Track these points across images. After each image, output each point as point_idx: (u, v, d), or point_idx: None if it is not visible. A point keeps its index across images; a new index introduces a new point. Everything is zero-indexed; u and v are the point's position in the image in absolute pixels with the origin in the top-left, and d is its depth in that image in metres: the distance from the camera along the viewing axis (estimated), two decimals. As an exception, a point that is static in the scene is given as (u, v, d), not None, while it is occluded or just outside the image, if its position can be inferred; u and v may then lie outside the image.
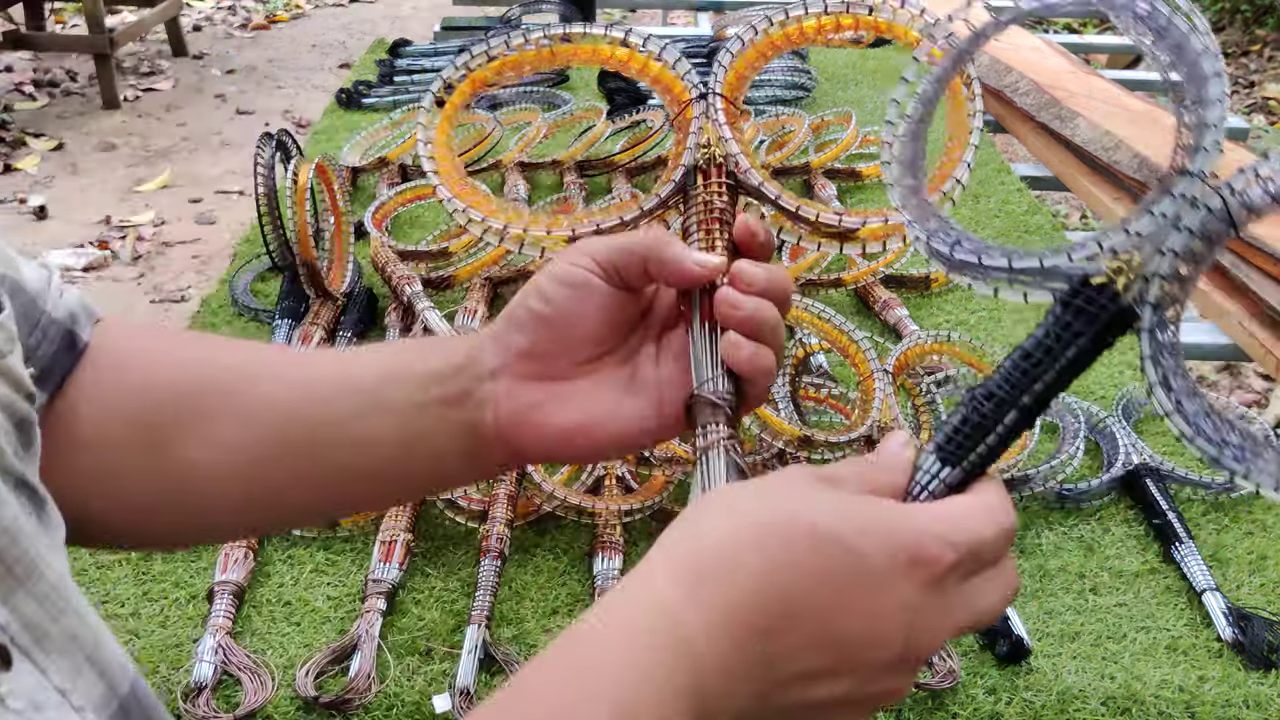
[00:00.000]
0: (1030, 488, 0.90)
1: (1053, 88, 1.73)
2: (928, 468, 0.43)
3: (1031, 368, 0.43)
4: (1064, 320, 0.42)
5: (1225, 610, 0.78)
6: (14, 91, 3.82)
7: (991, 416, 0.44)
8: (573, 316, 0.49)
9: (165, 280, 2.68)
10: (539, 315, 0.49)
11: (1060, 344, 0.43)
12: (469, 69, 0.61)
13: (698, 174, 0.57)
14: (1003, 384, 0.43)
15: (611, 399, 0.50)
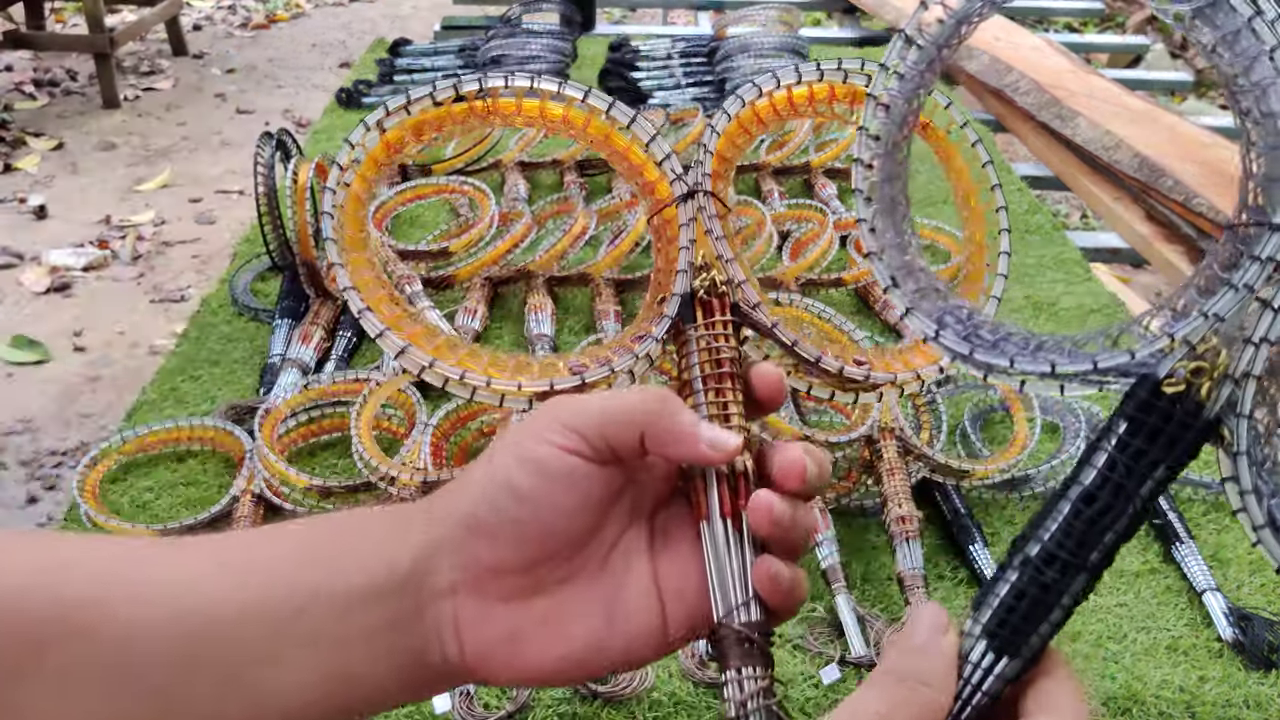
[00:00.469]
0: (1030, 488, 0.90)
1: (1053, 87, 1.73)
2: (977, 659, 0.34)
3: (1098, 516, 0.33)
4: (1135, 446, 0.33)
5: (1226, 610, 0.78)
6: (14, 91, 3.82)
7: (1054, 586, 0.34)
8: (554, 515, 0.38)
9: (165, 280, 2.68)
10: (511, 518, 0.38)
11: (1134, 478, 0.33)
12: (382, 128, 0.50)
13: (696, 306, 0.46)
14: (1064, 540, 0.34)
15: (602, 617, 0.39)
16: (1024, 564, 0.34)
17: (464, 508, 0.39)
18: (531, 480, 0.38)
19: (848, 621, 0.76)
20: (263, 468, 0.87)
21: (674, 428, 0.38)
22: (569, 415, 0.38)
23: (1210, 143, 1.57)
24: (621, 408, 0.38)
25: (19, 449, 2.07)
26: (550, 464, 0.38)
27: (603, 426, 0.38)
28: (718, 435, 0.39)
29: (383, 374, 0.96)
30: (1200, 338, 0.32)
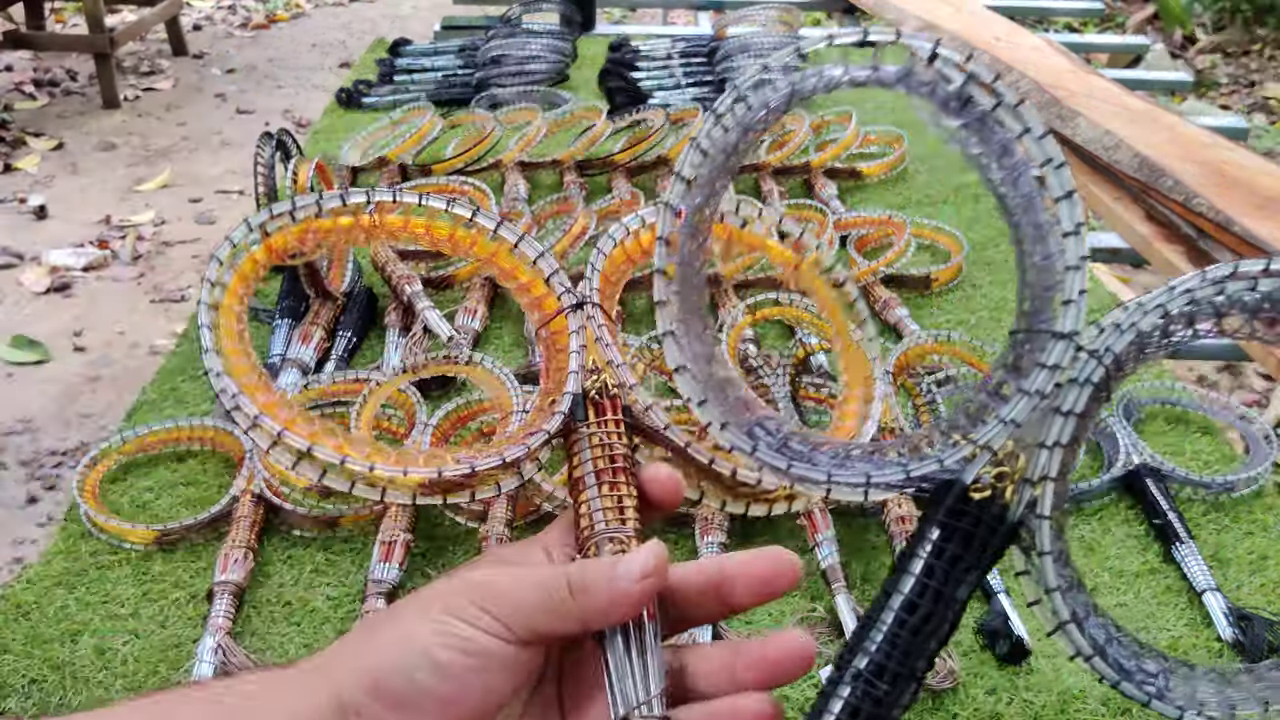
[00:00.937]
0: (1030, 488, 0.90)
1: (1053, 87, 1.73)
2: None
3: (922, 624, 0.34)
4: (949, 552, 0.34)
5: (1226, 610, 0.78)
6: (14, 91, 3.82)
7: (886, 699, 0.34)
8: (480, 693, 0.36)
9: (165, 280, 2.68)
10: (429, 691, 0.36)
11: (950, 584, 0.34)
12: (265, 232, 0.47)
13: (587, 406, 0.46)
14: (892, 652, 0.34)
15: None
16: (855, 678, 0.34)
17: (370, 672, 0.37)
18: (458, 658, 0.36)
19: (847, 621, 0.76)
20: (263, 468, 0.87)
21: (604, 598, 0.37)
22: (489, 600, 0.37)
23: (1210, 143, 1.57)
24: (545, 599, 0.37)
25: (19, 449, 2.07)
26: (479, 646, 0.36)
27: (529, 618, 0.37)
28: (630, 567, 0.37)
29: (383, 374, 0.96)
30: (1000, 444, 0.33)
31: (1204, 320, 0.34)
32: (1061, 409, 0.33)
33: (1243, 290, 0.34)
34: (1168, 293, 0.35)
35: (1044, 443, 0.33)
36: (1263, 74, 4.08)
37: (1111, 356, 0.33)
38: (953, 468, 0.34)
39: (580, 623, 0.37)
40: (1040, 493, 0.33)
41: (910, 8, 2.20)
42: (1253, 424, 1.00)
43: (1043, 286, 0.34)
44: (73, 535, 0.86)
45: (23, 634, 0.76)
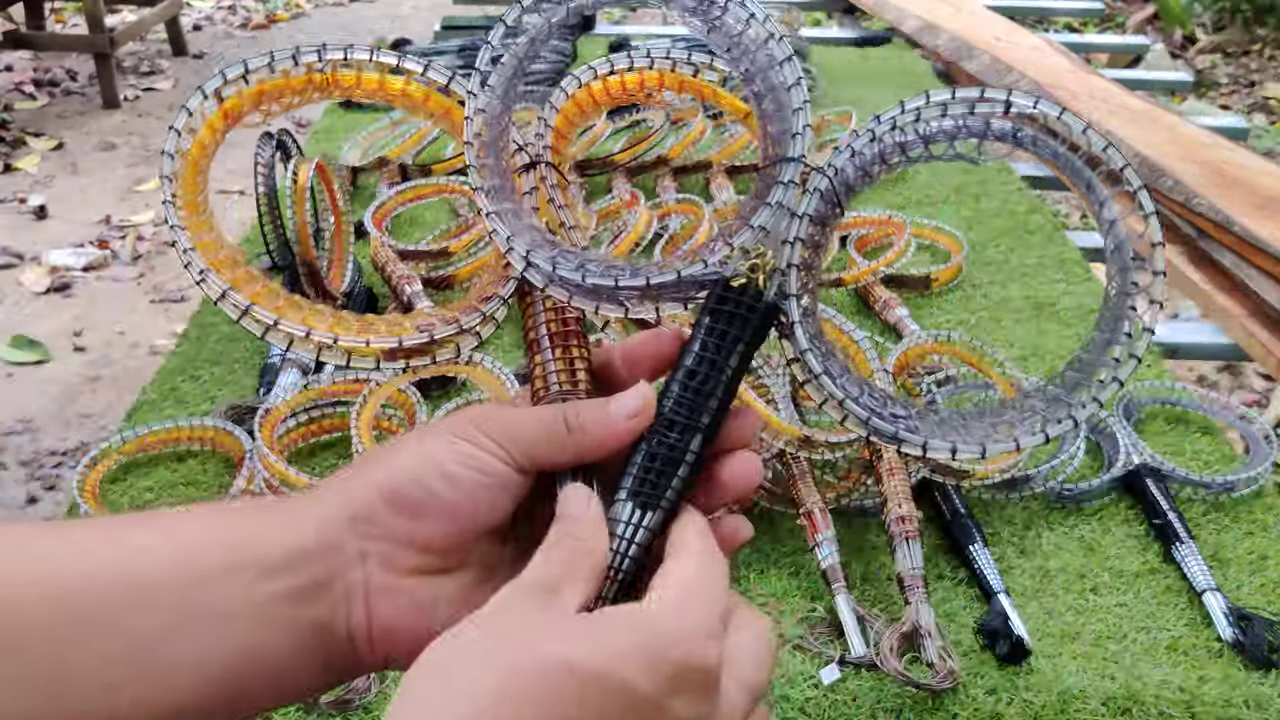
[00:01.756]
0: (1030, 488, 0.90)
1: (1053, 87, 1.73)
2: (626, 517, 0.40)
3: (702, 385, 0.41)
4: (718, 329, 0.42)
5: (1226, 610, 0.78)
6: (14, 91, 3.82)
7: (679, 445, 0.41)
8: (480, 506, 0.40)
9: (165, 280, 2.68)
10: (440, 498, 0.39)
11: (722, 354, 0.42)
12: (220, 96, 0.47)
13: None
14: (678, 409, 0.41)
15: None
16: (651, 432, 0.41)
17: (386, 481, 0.40)
18: (468, 472, 0.40)
19: (847, 621, 0.76)
20: (263, 468, 0.87)
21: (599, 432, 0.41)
22: (494, 430, 0.41)
23: (1210, 143, 1.57)
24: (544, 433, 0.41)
25: (19, 449, 2.07)
26: (486, 463, 0.40)
27: (530, 448, 0.41)
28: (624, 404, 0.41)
29: (383, 374, 0.96)
30: (753, 246, 0.42)
31: (914, 148, 0.43)
32: (796, 212, 0.42)
33: (935, 117, 0.43)
34: (875, 121, 0.43)
35: (785, 240, 0.42)
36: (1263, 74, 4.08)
37: (833, 169, 0.42)
38: (716, 267, 0.42)
39: (575, 455, 0.41)
40: (788, 279, 0.42)
41: (910, 7, 2.20)
42: (1253, 424, 1.00)
43: (778, 132, 0.43)
44: (73, 535, 0.86)
45: (23, 634, 0.76)
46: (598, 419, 0.41)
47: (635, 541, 0.40)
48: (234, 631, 0.37)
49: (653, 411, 0.42)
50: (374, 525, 0.39)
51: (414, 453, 0.40)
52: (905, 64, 2.06)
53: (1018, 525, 0.89)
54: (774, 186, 0.42)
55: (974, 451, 0.43)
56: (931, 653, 0.74)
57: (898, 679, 0.72)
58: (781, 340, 0.43)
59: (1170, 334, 1.25)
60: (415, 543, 0.40)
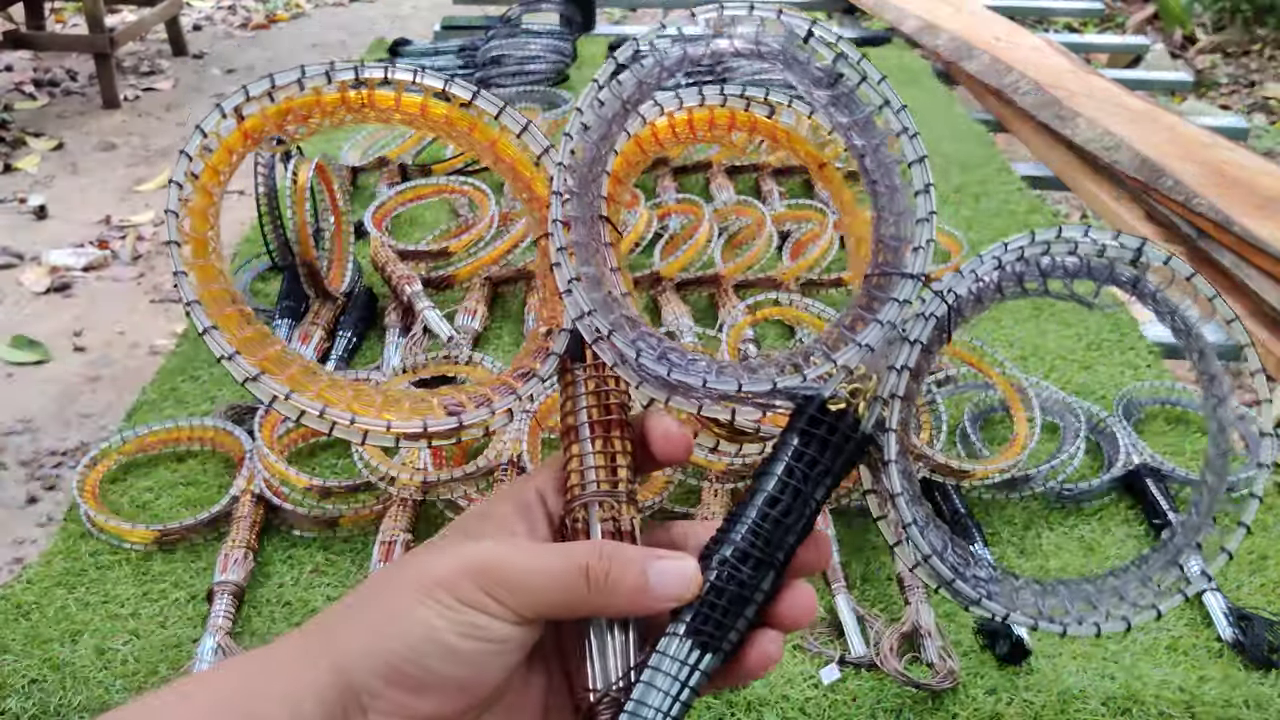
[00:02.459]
0: (1030, 488, 0.90)
1: (1053, 87, 1.73)
2: (683, 657, 0.36)
3: (783, 517, 0.37)
4: (808, 455, 0.38)
5: (1225, 610, 0.78)
6: (14, 91, 3.82)
7: (749, 583, 0.37)
8: (494, 674, 0.37)
9: (165, 280, 2.68)
10: (446, 676, 0.36)
11: (809, 484, 0.38)
12: (240, 115, 0.42)
13: (584, 347, 0.42)
14: (755, 541, 0.37)
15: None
16: (721, 564, 0.37)
17: (382, 657, 0.36)
18: (472, 645, 0.36)
19: (847, 621, 0.76)
20: (263, 468, 0.87)
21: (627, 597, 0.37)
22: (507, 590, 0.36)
23: (1210, 143, 1.57)
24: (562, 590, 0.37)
25: (19, 449, 2.07)
26: (492, 632, 0.36)
27: (542, 605, 0.37)
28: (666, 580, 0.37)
29: (383, 374, 0.96)
30: (855, 365, 0.38)
31: (1031, 279, 0.40)
32: (909, 338, 0.38)
33: (1064, 253, 0.40)
34: (1002, 248, 0.40)
35: (893, 365, 0.38)
36: (1263, 74, 4.08)
37: (954, 295, 0.38)
38: (814, 385, 0.39)
39: (595, 612, 0.37)
40: (889, 410, 0.38)
41: (910, 7, 2.20)
42: (1253, 424, 1.00)
43: (895, 239, 0.40)
44: (73, 535, 0.86)
45: (23, 634, 0.76)
46: (632, 585, 0.37)
47: (690, 685, 0.36)
48: None
49: (697, 594, 0.37)
50: (377, 698, 0.36)
51: (408, 624, 0.36)
52: (905, 64, 2.06)
53: (1018, 525, 0.89)
54: (887, 303, 0.39)
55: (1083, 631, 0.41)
56: (931, 653, 0.74)
57: (898, 679, 0.72)
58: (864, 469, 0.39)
59: (1170, 334, 1.25)
60: (422, 716, 0.36)
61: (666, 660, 0.36)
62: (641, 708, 0.35)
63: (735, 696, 0.72)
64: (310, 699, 0.36)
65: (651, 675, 0.36)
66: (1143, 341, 1.14)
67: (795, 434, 0.38)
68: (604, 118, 0.42)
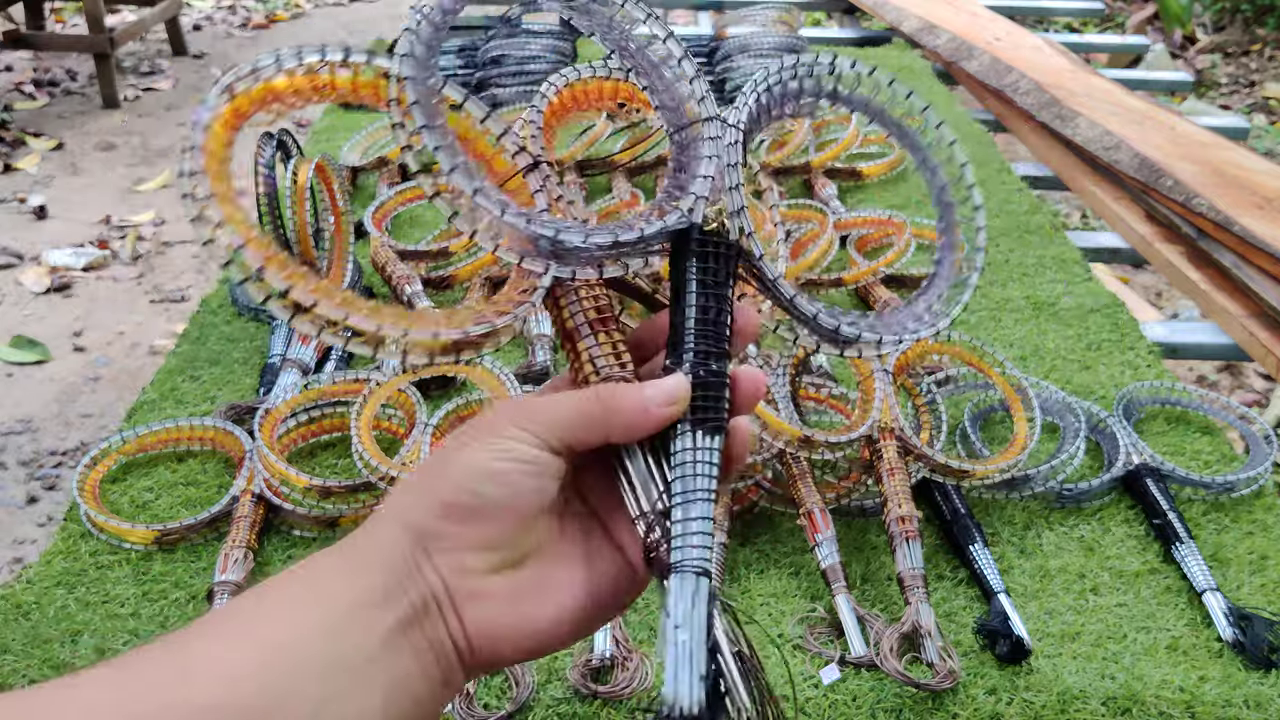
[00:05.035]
0: (1030, 488, 0.90)
1: (1053, 87, 1.73)
2: (701, 444, 0.43)
3: (717, 317, 0.46)
4: (710, 268, 0.46)
5: (1226, 610, 0.78)
6: (14, 91, 3.82)
7: (720, 371, 0.45)
8: (531, 496, 0.42)
9: (165, 280, 2.68)
10: (493, 499, 0.42)
11: (720, 288, 0.46)
12: (232, 93, 0.47)
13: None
14: (709, 342, 0.45)
15: (583, 569, 0.44)
16: (693, 365, 0.44)
17: (437, 496, 0.42)
18: (508, 465, 0.42)
19: (848, 621, 0.76)
20: (263, 468, 0.87)
21: (629, 411, 0.43)
22: (528, 421, 0.43)
23: (1210, 143, 1.57)
24: (577, 414, 0.43)
25: (19, 449, 2.07)
26: (524, 453, 0.42)
27: (563, 431, 0.43)
28: (660, 392, 0.44)
29: (383, 374, 0.96)
30: (707, 192, 0.46)
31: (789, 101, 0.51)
32: (729, 163, 0.47)
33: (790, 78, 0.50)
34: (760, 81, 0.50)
35: (729, 186, 0.47)
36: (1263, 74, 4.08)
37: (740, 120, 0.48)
38: (687, 218, 0.46)
39: (604, 435, 0.43)
40: (742, 221, 0.46)
41: (910, 7, 2.20)
42: (1253, 424, 1.00)
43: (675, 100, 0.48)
44: (73, 535, 0.86)
45: (23, 634, 0.76)
46: (633, 403, 0.43)
47: (715, 464, 0.43)
48: (378, 673, 0.39)
49: (687, 401, 0.44)
50: (439, 539, 0.41)
51: (456, 461, 0.42)
52: (905, 64, 2.06)
53: (1018, 525, 0.88)
54: (702, 142, 0.47)
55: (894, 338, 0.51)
56: (931, 653, 0.74)
57: (898, 679, 0.72)
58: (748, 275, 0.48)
59: (1170, 334, 1.25)
60: (479, 544, 0.42)
61: (690, 452, 0.43)
62: (689, 494, 0.42)
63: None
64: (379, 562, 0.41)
65: (683, 468, 0.43)
66: (1143, 341, 1.14)
67: (692, 256, 0.46)
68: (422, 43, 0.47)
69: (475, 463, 0.42)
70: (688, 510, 0.42)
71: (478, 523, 0.41)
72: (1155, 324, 1.27)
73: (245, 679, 0.36)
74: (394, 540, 0.41)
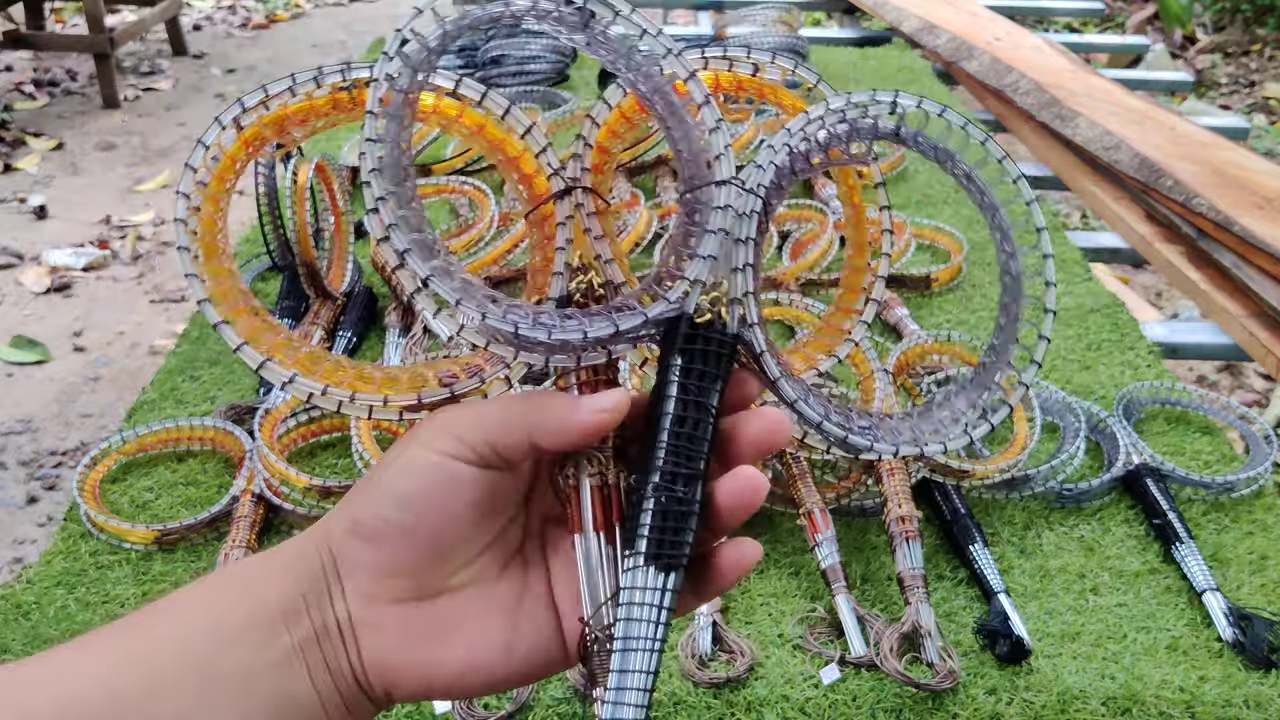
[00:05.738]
0: (1030, 488, 0.90)
1: (1053, 87, 1.73)
2: (654, 584, 0.38)
3: (694, 430, 0.39)
4: (695, 369, 0.40)
5: (1225, 610, 0.78)
6: (14, 91, 3.82)
7: (686, 498, 0.39)
8: (440, 519, 0.38)
9: (165, 280, 2.68)
10: (395, 522, 0.38)
11: (704, 394, 0.40)
12: (239, 125, 0.44)
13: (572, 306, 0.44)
14: (678, 459, 0.39)
15: (504, 622, 0.40)
16: (655, 489, 0.39)
17: (349, 516, 0.39)
18: (413, 484, 0.38)
19: (848, 621, 0.76)
20: (263, 468, 0.87)
21: (556, 414, 0.39)
22: (453, 423, 0.39)
23: (1210, 143, 1.57)
24: (503, 411, 0.39)
25: (19, 449, 2.07)
26: (432, 469, 0.38)
27: (485, 431, 0.39)
28: (598, 399, 0.39)
29: (383, 374, 0.96)
30: (705, 277, 0.40)
31: (816, 154, 0.44)
32: (740, 238, 0.41)
33: (834, 122, 0.44)
34: (788, 133, 0.43)
35: (736, 267, 0.41)
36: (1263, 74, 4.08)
37: (761, 188, 0.41)
38: (678, 303, 0.40)
39: (527, 435, 0.39)
40: (746, 308, 0.41)
41: (910, 7, 2.20)
42: (1253, 424, 1.00)
43: (694, 153, 0.42)
44: (73, 535, 0.86)
45: (23, 634, 0.76)
46: (562, 402, 0.39)
47: (667, 607, 0.38)
48: (264, 690, 0.36)
49: (624, 412, 0.40)
50: (344, 560, 0.38)
51: (371, 480, 0.39)
52: (905, 64, 2.06)
53: (1018, 525, 0.89)
54: (711, 211, 0.40)
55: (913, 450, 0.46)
56: (931, 653, 0.74)
57: (898, 679, 0.72)
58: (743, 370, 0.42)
59: (1170, 334, 1.25)
60: (382, 570, 0.38)
61: (638, 591, 0.38)
62: (629, 641, 0.38)
63: (735, 696, 0.72)
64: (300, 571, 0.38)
65: (628, 609, 0.38)
66: (1143, 341, 1.14)
67: (676, 354, 0.40)
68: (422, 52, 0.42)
69: (384, 478, 0.39)
70: (625, 660, 0.37)
71: (381, 546, 0.38)
72: (1155, 324, 1.27)
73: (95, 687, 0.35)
74: (312, 552, 0.39)
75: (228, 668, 0.36)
